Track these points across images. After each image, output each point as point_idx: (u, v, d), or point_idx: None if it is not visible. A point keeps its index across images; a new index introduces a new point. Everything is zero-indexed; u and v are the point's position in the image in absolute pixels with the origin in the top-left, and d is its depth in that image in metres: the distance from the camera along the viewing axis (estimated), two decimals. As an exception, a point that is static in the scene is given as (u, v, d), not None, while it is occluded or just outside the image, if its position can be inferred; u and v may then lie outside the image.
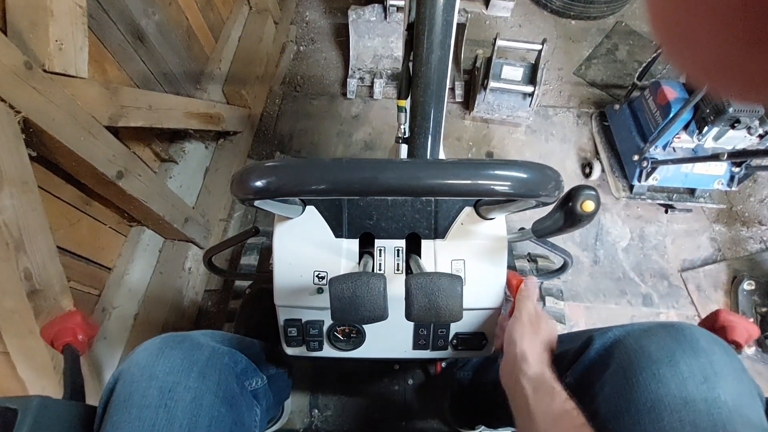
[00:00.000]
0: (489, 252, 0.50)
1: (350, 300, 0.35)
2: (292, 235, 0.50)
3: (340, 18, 1.73)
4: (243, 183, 0.29)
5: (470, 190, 0.29)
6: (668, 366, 0.38)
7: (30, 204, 0.67)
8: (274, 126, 1.54)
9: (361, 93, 1.59)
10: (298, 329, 0.53)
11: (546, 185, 0.31)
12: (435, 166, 0.29)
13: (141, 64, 1.03)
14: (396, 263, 0.51)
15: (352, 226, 0.51)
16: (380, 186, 0.27)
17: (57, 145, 0.72)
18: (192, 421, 0.40)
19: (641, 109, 1.30)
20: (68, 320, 0.48)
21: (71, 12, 0.72)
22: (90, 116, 0.77)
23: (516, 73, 1.41)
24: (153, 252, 1.10)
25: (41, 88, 0.67)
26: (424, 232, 0.51)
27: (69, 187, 0.86)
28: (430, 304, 0.36)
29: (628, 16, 1.82)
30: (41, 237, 0.69)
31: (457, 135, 1.55)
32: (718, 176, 1.27)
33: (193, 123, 1.11)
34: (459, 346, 0.55)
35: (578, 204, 0.35)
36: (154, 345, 0.44)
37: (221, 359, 0.47)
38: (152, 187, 0.95)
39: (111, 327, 0.97)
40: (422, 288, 0.36)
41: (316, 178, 0.28)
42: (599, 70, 1.68)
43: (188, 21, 1.20)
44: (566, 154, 1.51)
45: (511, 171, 0.29)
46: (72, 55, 0.73)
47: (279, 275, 0.50)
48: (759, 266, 1.33)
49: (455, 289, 0.36)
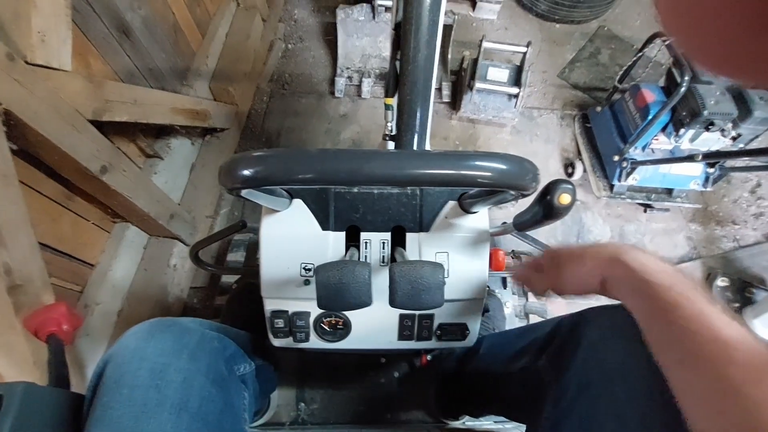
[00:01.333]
0: (472, 244, 0.52)
1: (336, 287, 0.36)
2: (279, 227, 0.50)
3: (329, 17, 1.73)
4: (231, 172, 0.30)
5: (452, 180, 0.30)
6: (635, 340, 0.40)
7: (10, 198, 0.66)
8: (262, 123, 1.54)
9: (349, 92, 1.60)
10: (284, 320, 0.53)
11: (524, 176, 0.32)
12: (418, 156, 0.31)
13: (126, 59, 1.02)
14: (381, 255, 0.52)
15: (338, 219, 0.52)
16: (365, 175, 0.29)
17: (39, 138, 0.70)
18: (183, 400, 0.40)
19: (622, 111, 1.34)
20: (53, 311, 0.47)
21: (54, 4, 0.71)
22: (73, 110, 0.76)
23: (501, 75, 1.43)
24: (137, 248, 1.09)
25: (23, 80, 0.66)
26: (409, 225, 0.52)
27: (51, 182, 0.85)
28: (413, 291, 0.37)
29: (611, 21, 1.87)
30: (22, 232, 0.68)
31: (444, 134, 1.57)
32: (694, 177, 1.32)
33: (179, 119, 1.10)
34: (443, 336, 0.56)
35: (555, 197, 0.37)
36: (144, 329, 0.44)
37: (211, 343, 0.47)
38: (137, 182, 0.94)
39: (94, 323, 0.95)
40: (405, 275, 0.37)
41: (303, 167, 0.29)
42: (582, 73, 1.72)
43: (174, 16, 1.19)
44: (550, 154, 1.54)
45: (492, 162, 0.31)
46: (55, 47, 0.72)
47: (266, 267, 0.50)
48: (732, 264, 1.38)
49: (437, 276, 0.38)
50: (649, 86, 1.26)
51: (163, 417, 0.38)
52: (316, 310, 0.54)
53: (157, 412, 0.38)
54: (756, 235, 1.45)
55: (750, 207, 1.50)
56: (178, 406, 0.40)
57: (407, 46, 0.67)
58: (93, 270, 0.99)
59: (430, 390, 0.82)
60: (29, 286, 0.69)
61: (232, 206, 1.36)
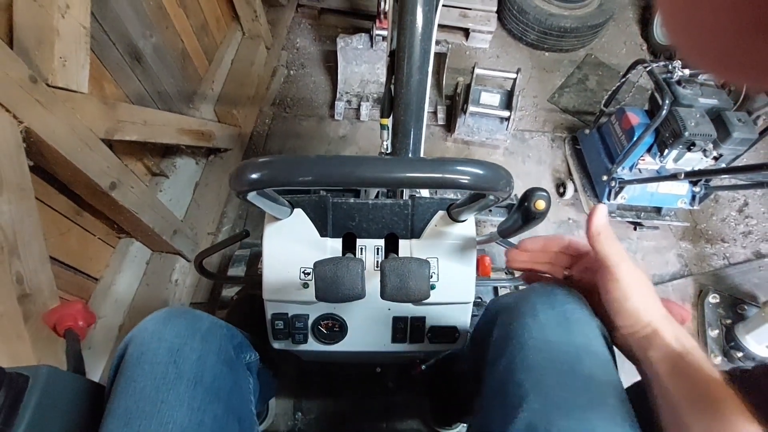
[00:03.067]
0: (460, 251, 0.56)
1: (332, 280, 0.40)
2: (280, 234, 0.54)
3: (329, 45, 1.83)
4: (240, 176, 0.34)
5: (434, 183, 0.34)
6: (531, 317, 0.47)
7: (26, 211, 0.70)
8: (264, 144, 1.59)
9: (348, 115, 1.67)
10: (284, 322, 0.56)
11: (499, 181, 0.37)
12: (404, 162, 0.35)
13: (137, 83, 1.08)
14: (376, 260, 0.56)
15: (335, 226, 0.55)
16: (357, 177, 0.33)
17: (55, 155, 0.75)
18: (198, 375, 0.45)
19: (608, 133, 1.41)
20: (70, 307, 0.51)
21: (76, 32, 0.77)
22: (88, 129, 0.81)
23: (493, 99, 1.50)
24: (140, 264, 1.12)
25: (44, 101, 0.71)
26: (402, 232, 0.56)
27: (62, 197, 0.89)
28: (402, 284, 0.41)
29: (598, 49, 1.97)
30: (35, 243, 0.72)
31: (439, 155, 1.62)
32: (680, 195, 1.36)
33: (185, 139, 1.16)
34: (434, 339, 0.59)
35: (532, 203, 0.41)
36: (161, 315, 0.48)
37: (220, 329, 0.52)
38: (143, 198, 0.98)
39: (96, 337, 0.97)
40: (395, 270, 0.42)
41: (303, 171, 0.33)
42: (571, 97, 1.80)
43: (183, 44, 1.26)
44: (542, 174, 1.60)
45: (470, 167, 0.35)
46: (74, 71, 0.77)
47: (268, 271, 0.54)
48: (723, 281, 1.41)
49: (423, 271, 0.42)
50: (633, 109, 1.32)
51: (181, 389, 0.43)
52: (315, 312, 0.57)
53: (176, 384, 0.43)
54: (745, 253, 1.49)
55: (738, 225, 1.54)
56: (193, 380, 0.44)
57: (401, 72, 0.72)
58: (97, 284, 1.02)
59: (424, 399, 0.83)
60: (38, 296, 0.72)
61: (233, 224, 1.39)
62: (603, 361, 0.43)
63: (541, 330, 0.45)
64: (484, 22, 1.82)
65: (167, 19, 1.17)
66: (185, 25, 1.26)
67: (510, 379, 0.44)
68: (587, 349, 0.43)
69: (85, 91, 0.81)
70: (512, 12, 1.84)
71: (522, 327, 0.46)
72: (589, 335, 0.45)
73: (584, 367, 0.42)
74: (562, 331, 0.44)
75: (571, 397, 0.39)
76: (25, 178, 0.70)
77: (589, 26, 1.79)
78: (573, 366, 0.42)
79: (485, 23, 1.82)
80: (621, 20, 2.07)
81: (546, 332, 0.45)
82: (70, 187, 0.87)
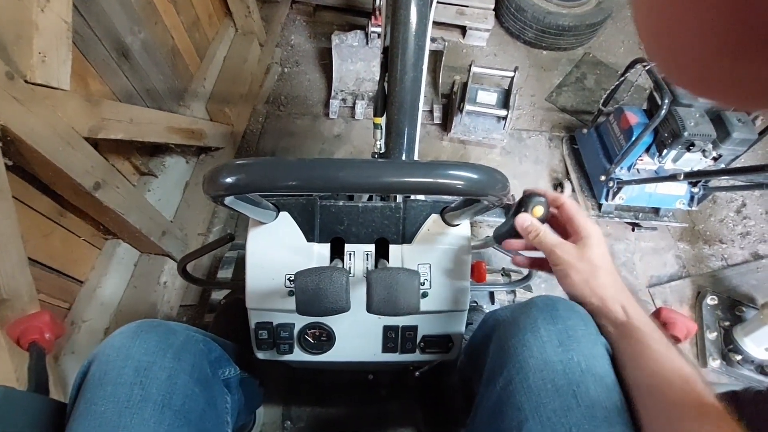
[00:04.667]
0: (453, 256, 0.53)
1: (314, 292, 0.37)
2: (265, 239, 0.51)
3: (324, 42, 1.80)
4: (214, 180, 0.31)
5: (425, 188, 0.31)
6: (531, 333, 0.44)
7: (2, 212, 0.67)
8: (257, 143, 1.56)
9: (343, 113, 1.64)
10: (269, 332, 0.53)
11: (495, 185, 0.34)
12: (392, 165, 0.32)
13: (124, 80, 1.05)
14: (365, 266, 0.53)
15: (323, 231, 0.53)
16: (340, 183, 0.30)
17: (34, 154, 0.72)
18: (166, 398, 0.41)
19: (607, 133, 1.38)
20: (36, 319, 0.47)
21: (56, 26, 0.74)
22: (70, 127, 0.78)
23: (490, 98, 1.48)
24: (128, 265, 1.09)
25: (22, 98, 0.68)
26: (393, 237, 0.53)
27: (44, 198, 0.86)
28: (389, 296, 0.38)
29: (596, 48, 1.95)
30: (12, 246, 0.69)
31: (435, 155, 1.60)
32: (679, 196, 1.34)
33: (175, 138, 1.13)
34: (426, 348, 0.56)
35: (530, 209, 0.38)
36: (130, 329, 0.45)
37: (196, 345, 0.48)
38: (130, 199, 0.95)
39: (80, 340, 0.94)
40: (382, 281, 0.38)
41: (282, 175, 0.30)
42: (569, 96, 1.78)
43: (174, 40, 1.23)
44: (539, 174, 1.58)
45: (464, 171, 0.32)
46: (55, 67, 0.74)
47: (251, 278, 0.51)
48: (721, 282, 1.39)
49: (412, 283, 0.39)
50: (632, 109, 1.30)
51: (147, 413, 0.39)
52: (301, 321, 0.55)
53: (141, 408, 0.39)
54: (744, 254, 1.47)
55: (736, 226, 1.53)
56: (161, 403, 0.40)
57: (395, 69, 0.70)
58: (82, 287, 0.99)
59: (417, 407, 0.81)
60: (16, 301, 0.69)
61: (224, 224, 1.36)
62: (608, 385, 0.40)
63: (542, 348, 0.42)
64: (481, 20, 1.79)
65: (156, 15, 1.14)
66: (176, 21, 1.23)
67: (508, 401, 0.41)
68: (591, 371, 0.41)
69: (67, 88, 0.78)
70: (510, 10, 1.82)
71: (522, 344, 0.43)
72: (593, 355, 0.42)
73: (588, 390, 0.39)
74: (564, 350, 0.42)
75: (575, 424, 0.37)
76: (1, 178, 0.67)
77: (588, 25, 1.77)
78: (576, 389, 0.39)
79: (482, 21, 1.79)
80: (620, 19, 2.05)
81: (547, 351, 0.42)
82: (52, 188, 0.84)
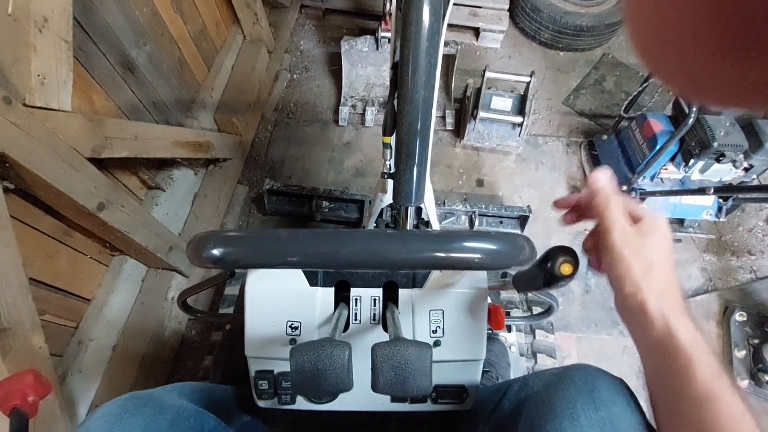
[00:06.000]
0: (469, 301, 0.49)
1: (312, 373, 0.33)
2: (265, 282, 0.48)
3: (334, 47, 1.76)
4: (198, 251, 0.28)
5: (439, 265, 0.28)
6: (569, 419, 0.39)
7: (2, 241, 0.65)
8: (266, 152, 1.54)
9: (353, 120, 1.60)
10: (269, 382, 0.50)
11: (518, 255, 0.30)
12: (402, 239, 0.28)
13: (130, 94, 1.03)
14: (372, 313, 0.50)
15: (327, 274, 0.49)
16: (341, 260, 0.27)
17: (35, 178, 0.70)
18: None
19: (628, 140, 1.32)
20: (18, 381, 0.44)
21: (55, 46, 0.72)
22: (71, 149, 0.76)
23: (505, 104, 1.43)
24: (135, 281, 1.08)
25: (20, 123, 0.66)
26: (402, 280, 0.50)
27: (48, 218, 0.85)
28: (397, 378, 0.34)
29: (615, 48, 1.86)
30: (12, 274, 0.67)
31: (448, 162, 1.55)
32: (706, 207, 1.27)
33: (181, 152, 1.11)
34: (439, 399, 0.53)
35: (557, 266, 0.34)
36: (113, 410, 0.40)
37: (186, 422, 0.44)
38: (135, 217, 0.93)
39: (87, 360, 0.93)
40: (388, 360, 0.34)
41: (277, 252, 0.27)
42: (587, 100, 1.71)
43: (180, 51, 1.21)
44: (556, 182, 1.52)
45: (483, 243, 0.28)
46: (55, 88, 0.72)
47: (251, 324, 0.48)
48: (750, 296, 1.32)
49: (424, 360, 0.34)
50: (656, 116, 1.23)
51: None
52: None
53: None
54: (774, 267, 1.40)
55: (766, 237, 1.45)
56: None
57: (405, 87, 0.66)
58: (89, 305, 0.98)
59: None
60: (18, 329, 0.68)
61: (233, 236, 1.35)
62: None
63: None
64: (495, 21, 1.73)
65: (162, 26, 1.12)
66: (182, 32, 1.21)
67: None
68: None
69: (68, 109, 0.76)
70: (525, 10, 1.75)
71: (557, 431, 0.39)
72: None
73: None
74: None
75: None
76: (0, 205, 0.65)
77: (607, 24, 1.69)
78: None
79: (496, 22, 1.73)
80: (640, 16, 1.96)
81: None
82: (55, 209, 0.83)
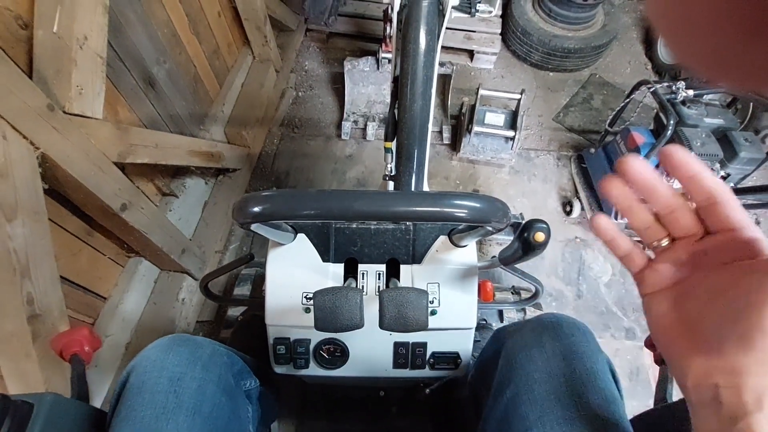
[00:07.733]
0: (461, 277, 0.56)
1: (331, 310, 0.41)
2: (283, 259, 0.55)
3: (337, 67, 1.87)
4: (242, 209, 0.35)
5: (432, 216, 0.35)
6: (538, 348, 0.47)
7: (39, 233, 0.72)
8: (272, 164, 1.62)
9: (355, 135, 1.70)
10: (286, 347, 0.57)
11: (495, 213, 0.37)
12: (402, 196, 0.36)
13: (150, 107, 1.11)
14: (377, 285, 0.56)
15: (338, 251, 0.56)
16: (355, 212, 0.34)
17: (69, 178, 0.78)
18: (197, 405, 0.45)
19: (614, 152, 1.40)
20: (77, 333, 0.52)
21: (93, 62, 0.80)
22: (101, 153, 0.83)
23: (498, 119, 1.52)
24: (148, 282, 1.14)
25: (60, 128, 0.74)
26: (403, 257, 0.57)
27: (74, 218, 0.91)
28: (399, 314, 0.41)
29: (602, 69, 1.98)
30: (46, 265, 0.73)
31: (445, 174, 1.63)
32: (689, 215, 1.34)
33: (195, 160, 1.19)
34: (436, 365, 0.59)
35: (532, 235, 0.41)
36: (163, 343, 0.49)
37: (221, 357, 0.52)
38: (153, 219, 1.00)
39: (102, 355, 0.98)
40: (393, 300, 0.42)
41: (304, 205, 0.34)
42: (576, 116, 1.81)
43: (196, 68, 1.31)
44: (548, 193, 1.59)
45: (467, 201, 0.36)
46: (90, 99, 0.80)
47: (271, 296, 0.54)
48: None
49: (421, 301, 0.42)
50: (638, 129, 1.32)
51: (180, 418, 0.43)
52: (316, 337, 0.58)
53: (175, 413, 0.43)
54: (758, 273, 1.45)
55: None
56: (192, 410, 0.44)
57: (404, 98, 0.74)
58: (105, 303, 1.04)
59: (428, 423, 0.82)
60: (47, 316, 0.74)
61: (240, 242, 1.41)
62: (608, 398, 0.43)
63: (547, 362, 0.46)
64: (488, 44, 1.85)
65: (180, 46, 1.22)
66: (198, 51, 1.31)
67: (515, 412, 0.44)
68: (593, 384, 0.43)
69: (100, 117, 0.84)
70: (516, 34, 1.87)
71: (528, 358, 0.47)
72: (595, 369, 0.45)
73: (589, 402, 0.42)
74: (567, 364, 0.45)
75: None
76: (39, 202, 0.72)
77: (593, 47, 1.81)
78: (577, 401, 0.42)
79: (489, 45, 1.85)
80: (625, 40, 2.09)
81: (552, 365, 0.45)
82: (82, 209, 0.89)
